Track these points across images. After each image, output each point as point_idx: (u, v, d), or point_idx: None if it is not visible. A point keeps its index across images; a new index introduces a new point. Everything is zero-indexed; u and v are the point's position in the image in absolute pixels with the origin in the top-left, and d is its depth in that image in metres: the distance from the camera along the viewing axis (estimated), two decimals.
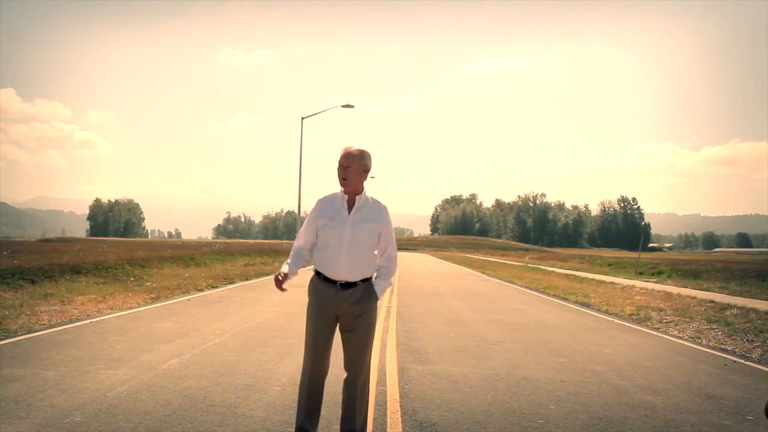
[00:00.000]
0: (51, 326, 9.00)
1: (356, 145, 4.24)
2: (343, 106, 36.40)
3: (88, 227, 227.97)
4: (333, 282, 4.21)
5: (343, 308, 4.20)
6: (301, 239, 4.37)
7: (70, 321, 9.54)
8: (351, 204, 4.24)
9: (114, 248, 50.18)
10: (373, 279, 4.33)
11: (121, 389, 5.63)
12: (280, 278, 4.12)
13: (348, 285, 4.20)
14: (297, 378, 6.25)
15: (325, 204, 4.30)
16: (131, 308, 11.50)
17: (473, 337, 9.77)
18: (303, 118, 36.03)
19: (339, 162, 4.21)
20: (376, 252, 4.30)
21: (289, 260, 4.29)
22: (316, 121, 37.39)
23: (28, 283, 13.56)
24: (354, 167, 4.18)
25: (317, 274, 4.29)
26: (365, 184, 4.30)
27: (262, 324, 10.23)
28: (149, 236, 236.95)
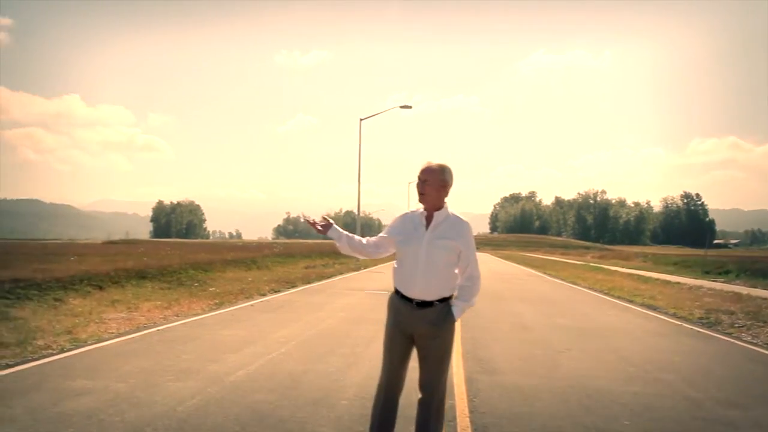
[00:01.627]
0: (120, 334, 9.16)
1: (436, 160, 4.11)
2: (401, 107, 36.31)
3: (152, 229, 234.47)
4: (409, 300, 4.09)
5: (418, 328, 4.09)
6: (377, 236, 4.34)
7: (138, 329, 9.71)
8: (430, 220, 4.09)
9: (176, 251, 51.35)
10: (453, 299, 4.15)
11: (191, 403, 5.65)
12: (318, 225, 4.38)
13: (424, 304, 4.06)
14: (364, 390, 6.22)
15: (403, 219, 4.20)
16: (196, 315, 11.65)
17: (540, 344, 9.56)
18: (361, 120, 36.10)
19: (417, 176, 4.09)
20: (456, 271, 4.12)
21: (352, 236, 4.37)
22: (374, 120, 37.35)
23: (96, 289, 13.89)
24: (431, 181, 4.05)
25: (396, 290, 4.20)
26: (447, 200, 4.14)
27: (327, 331, 10.22)
28: (210, 237, 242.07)
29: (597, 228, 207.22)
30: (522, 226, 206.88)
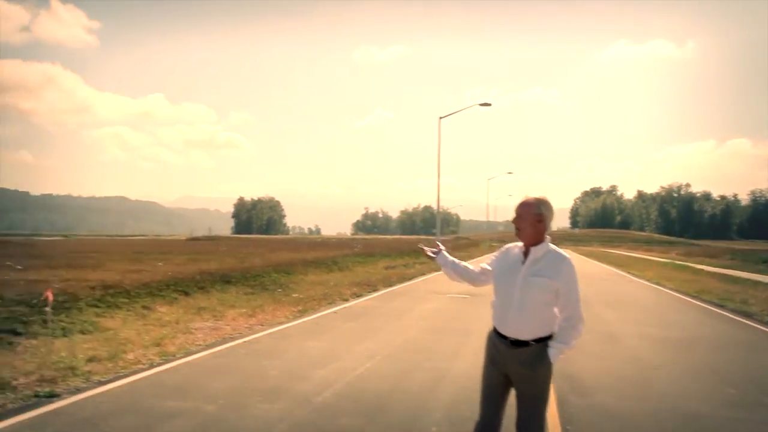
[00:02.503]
0: (207, 346, 9.23)
1: (533, 193, 3.90)
2: (480, 105, 35.82)
3: (233, 225, 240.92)
4: (504, 337, 3.91)
5: (512, 367, 3.90)
6: (480, 266, 4.25)
7: (224, 340, 9.77)
8: (527, 256, 3.87)
9: (257, 249, 52.47)
10: (551, 340, 3.89)
11: (279, 428, 5.57)
12: (429, 252, 4.39)
13: (519, 343, 3.85)
14: (452, 414, 6.01)
15: (505, 253, 4.04)
16: (280, 323, 11.68)
17: (630, 359, 9.18)
18: (440, 118, 35.84)
19: (515, 210, 3.91)
20: (555, 310, 3.87)
21: (458, 262, 4.34)
22: (452, 115, 36.93)
23: (182, 295, 14.14)
24: (526, 216, 3.84)
25: (493, 326, 4.03)
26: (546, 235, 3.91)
27: (410, 343, 10.05)
28: (290, 233, 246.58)
29: (681, 222, 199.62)
30: (603, 220, 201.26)
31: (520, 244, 3.93)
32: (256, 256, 36.54)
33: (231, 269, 19.34)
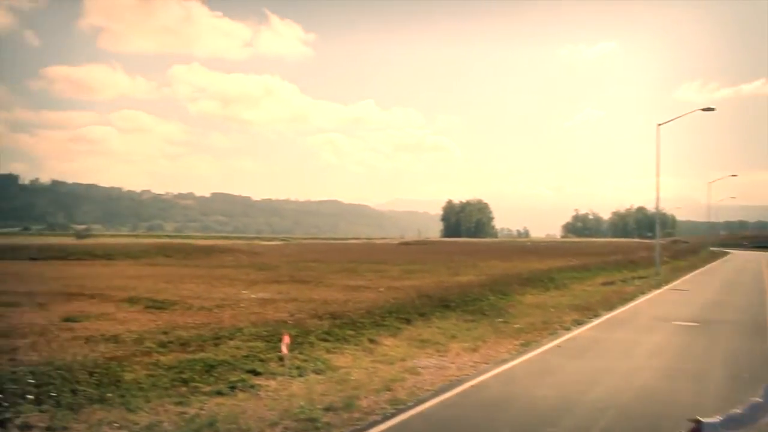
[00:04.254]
0: (435, 392, 9.20)
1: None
2: (702, 110, 32.93)
3: (442, 228, 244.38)
4: None
5: None
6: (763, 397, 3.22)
7: (451, 384, 9.70)
8: None
9: (467, 256, 52.75)
10: None
11: None
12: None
13: None
14: None
15: None
16: (504, 360, 11.47)
17: None
18: (659, 125, 33.51)
19: None
20: None
21: (730, 415, 3.23)
22: (668, 112, 34.10)
23: (404, 323, 14.39)
24: None
25: None
26: None
27: (645, 392, 9.38)
28: (498, 235, 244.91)
29: None
30: None
31: None
32: (468, 267, 36.77)
33: (448, 290, 19.55)
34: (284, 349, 9.96)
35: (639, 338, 14.34)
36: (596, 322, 16.80)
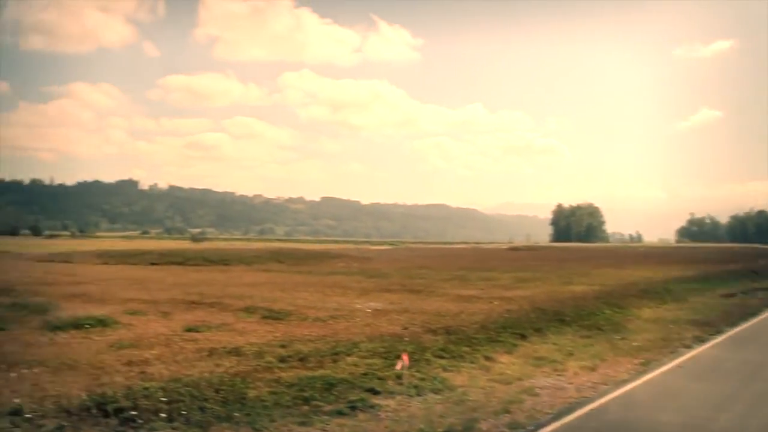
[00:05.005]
0: (555, 416, 9.00)
1: None
2: None
3: (551, 232, 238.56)
4: None
5: None
6: None
7: (571, 407, 9.48)
8: None
9: (579, 263, 51.20)
10: None
11: None
12: None
13: None
14: None
15: None
16: (624, 381, 11.17)
17: None
18: None
19: None
20: None
21: None
22: None
23: (519, 339, 14.21)
24: None
25: None
26: None
27: None
28: (609, 240, 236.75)
29: None
30: None
31: None
32: (580, 275, 35.69)
33: (562, 302, 19.17)
34: (401, 366, 10.12)
35: (766, 359, 13.58)
36: (718, 339, 16.02)
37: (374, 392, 9.71)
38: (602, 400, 9.94)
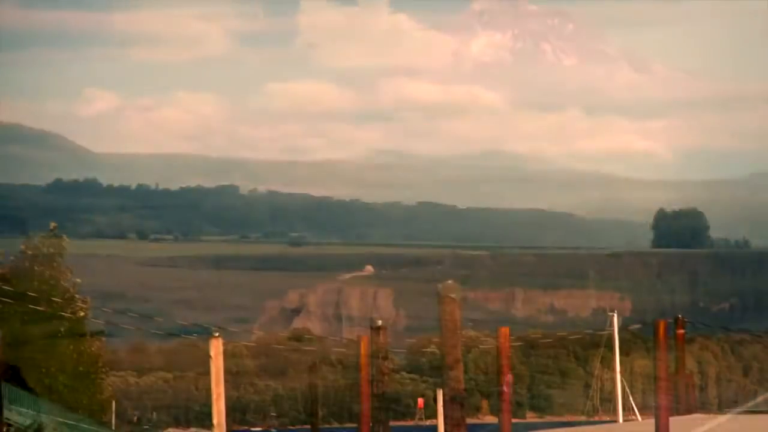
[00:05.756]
0: None
1: None
2: None
3: (652, 237, 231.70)
4: None
5: None
6: None
7: None
8: None
9: None
10: None
11: None
12: None
13: None
14: None
15: None
16: None
17: None
18: None
19: None
20: None
21: None
22: None
23: None
24: None
25: None
26: None
27: None
28: (714, 245, 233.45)
29: None
30: None
31: None
32: None
33: None
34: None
35: None
36: None
37: None
38: None
